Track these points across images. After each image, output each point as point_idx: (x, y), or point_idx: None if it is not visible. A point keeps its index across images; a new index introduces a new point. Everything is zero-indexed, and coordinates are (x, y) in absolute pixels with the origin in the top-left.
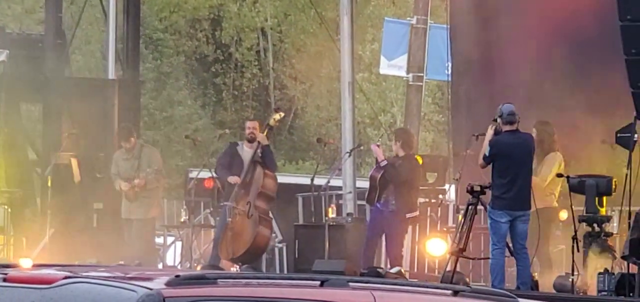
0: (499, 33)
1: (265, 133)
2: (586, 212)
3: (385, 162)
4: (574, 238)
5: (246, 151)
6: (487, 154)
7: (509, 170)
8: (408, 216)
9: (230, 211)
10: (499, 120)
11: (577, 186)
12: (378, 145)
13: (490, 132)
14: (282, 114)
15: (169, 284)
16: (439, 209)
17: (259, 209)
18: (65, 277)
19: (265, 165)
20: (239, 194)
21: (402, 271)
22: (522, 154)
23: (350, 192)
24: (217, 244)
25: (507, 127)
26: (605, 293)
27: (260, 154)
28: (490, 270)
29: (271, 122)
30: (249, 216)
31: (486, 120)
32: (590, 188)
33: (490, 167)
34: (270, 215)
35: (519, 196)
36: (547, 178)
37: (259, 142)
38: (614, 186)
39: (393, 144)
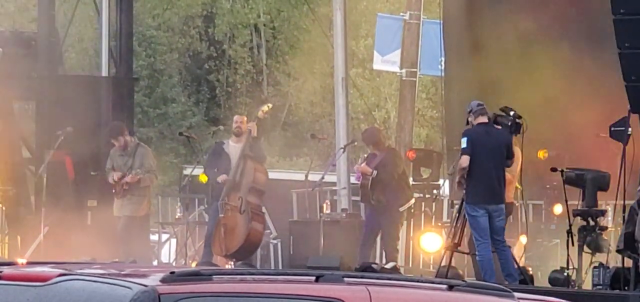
0: (492, 28)
1: (254, 125)
2: (586, 206)
3: (375, 172)
4: (569, 232)
5: (232, 147)
6: (464, 146)
7: (480, 163)
8: (401, 209)
9: (222, 206)
10: (471, 117)
11: (574, 179)
12: (359, 163)
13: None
14: (270, 106)
15: (164, 280)
16: (434, 204)
17: (251, 205)
18: (60, 275)
19: (256, 159)
20: (230, 189)
21: (397, 266)
22: (493, 148)
23: (344, 188)
24: (209, 241)
25: (479, 119)
26: (600, 287)
27: (248, 148)
28: (480, 266)
29: (260, 114)
30: (241, 211)
31: None
32: (590, 182)
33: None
34: (263, 209)
35: (491, 189)
36: (517, 173)
37: (250, 131)
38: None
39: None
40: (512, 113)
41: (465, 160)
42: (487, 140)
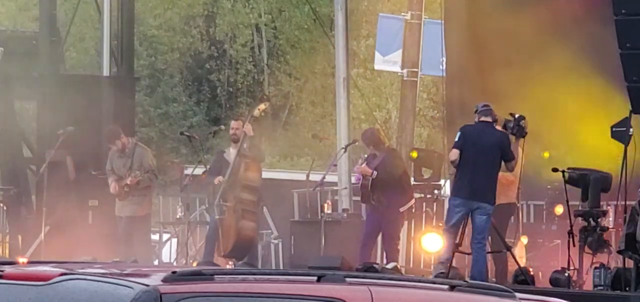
0: (494, 28)
1: (250, 124)
2: (590, 207)
3: (376, 173)
4: (570, 233)
5: (232, 154)
6: (456, 139)
7: (470, 158)
8: (402, 209)
9: (219, 207)
10: (476, 117)
11: (576, 179)
12: (360, 164)
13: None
14: (267, 103)
15: (165, 280)
16: (435, 204)
17: (244, 202)
18: (62, 274)
19: (249, 157)
20: (226, 190)
21: (398, 266)
22: (485, 146)
23: (345, 188)
24: (211, 240)
25: (482, 118)
26: (601, 288)
27: (245, 148)
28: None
29: (255, 113)
30: (235, 211)
31: None
32: (593, 183)
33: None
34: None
35: (477, 186)
36: (518, 172)
37: (244, 133)
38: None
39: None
40: (516, 116)
41: (453, 153)
42: (480, 137)
